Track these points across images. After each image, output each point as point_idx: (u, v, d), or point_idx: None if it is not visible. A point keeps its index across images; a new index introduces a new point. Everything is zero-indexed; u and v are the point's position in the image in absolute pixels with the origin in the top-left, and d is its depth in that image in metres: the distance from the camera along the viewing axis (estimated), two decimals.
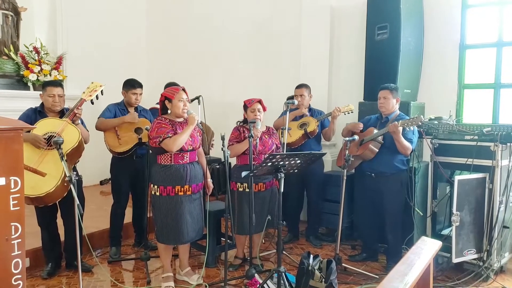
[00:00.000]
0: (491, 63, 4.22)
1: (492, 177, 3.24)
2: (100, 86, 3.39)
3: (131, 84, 3.74)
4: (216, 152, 4.81)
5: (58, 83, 3.31)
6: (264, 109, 3.36)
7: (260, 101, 3.35)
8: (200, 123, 3.69)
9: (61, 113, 3.28)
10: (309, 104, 4.23)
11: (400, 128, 3.19)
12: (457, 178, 3.22)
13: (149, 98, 5.33)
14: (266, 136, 3.43)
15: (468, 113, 4.36)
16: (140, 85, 3.76)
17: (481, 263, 3.27)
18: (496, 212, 3.24)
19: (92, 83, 3.43)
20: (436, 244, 1.84)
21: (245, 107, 3.37)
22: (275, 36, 5.52)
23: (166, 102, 3.03)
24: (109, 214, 3.80)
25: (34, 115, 3.21)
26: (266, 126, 3.53)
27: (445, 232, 3.60)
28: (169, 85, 4.03)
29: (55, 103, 3.21)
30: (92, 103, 3.34)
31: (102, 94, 3.42)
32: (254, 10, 5.66)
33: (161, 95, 3.06)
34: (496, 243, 3.25)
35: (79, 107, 3.19)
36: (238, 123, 3.49)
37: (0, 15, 5.12)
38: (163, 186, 2.98)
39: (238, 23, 5.82)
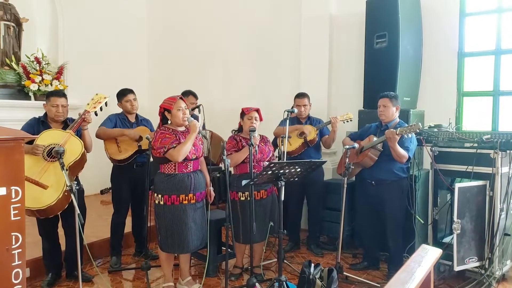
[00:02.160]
0: (490, 70, 4.24)
1: (492, 185, 3.24)
2: (105, 98, 3.42)
3: (121, 93, 3.77)
4: None
5: (62, 94, 3.32)
6: (261, 119, 3.38)
7: (258, 110, 3.38)
8: (210, 132, 3.71)
9: (64, 123, 3.30)
10: (308, 113, 4.24)
11: (398, 136, 3.19)
12: (458, 185, 3.22)
13: (150, 107, 5.37)
14: (262, 144, 3.46)
15: (468, 120, 4.37)
16: (130, 91, 3.78)
17: (482, 271, 3.26)
18: (497, 220, 3.23)
19: (97, 94, 3.45)
20: (437, 252, 1.84)
21: (243, 114, 3.39)
22: (274, 45, 5.56)
23: (166, 113, 3.04)
24: (109, 223, 3.79)
25: (37, 125, 3.22)
26: (260, 134, 3.55)
27: (447, 240, 3.59)
28: (184, 93, 4.08)
29: (59, 113, 3.22)
30: (96, 114, 3.37)
31: (106, 106, 3.44)
32: (254, 19, 5.71)
33: (160, 106, 3.08)
34: (497, 250, 3.24)
35: (86, 114, 3.20)
36: (234, 131, 3.51)
37: (2, 26, 5.16)
38: (167, 195, 2.98)
39: (238, 31, 5.87)
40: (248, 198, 3.24)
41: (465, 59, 4.36)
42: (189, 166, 3.03)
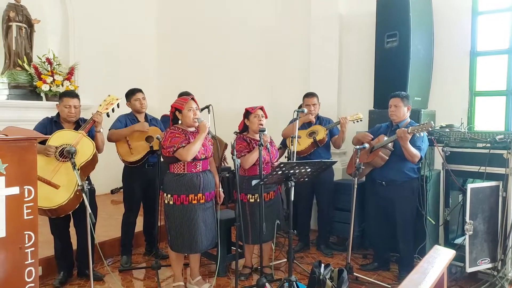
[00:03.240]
0: (503, 70, 4.18)
1: (505, 185, 3.19)
2: (117, 99, 3.45)
3: (130, 92, 3.80)
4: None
5: (74, 94, 3.35)
6: (266, 117, 3.38)
7: (262, 108, 3.38)
8: (213, 136, 3.70)
9: (77, 124, 3.33)
10: (317, 112, 4.23)
11: (409, 135, 3.16)
12: (470, 186, 3.18)
13: (160, 107, 5.39)
14: (269, 145, 3.44)
15: (480, 120, 4.31)
16: (139, 90, 3.80)
17: (495, 273, 3.21)
18: (510, 221, 3.18)
19: (109, 96, 3.47)
20: (450, 253, 1.81)
21: (248, 114, 3.38)
22: (284, 45, 5.55)
23: (177, 113, 3.06)
24: (120, 223, 3.82)
25: (49, 125, 3.25)
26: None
27: (458, 241, 3.55)
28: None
29: (71, 114, 3.25)
30: (108, 116, 3.40)
31: (118, 107, 3.46)
32: (263, 19, 5.70)
33: (171, 106, 3.09)
34: (510, 252, 3.19)
35: (97, 115, 3.23)
36: (236, 133, 3.49)
37: (14, 27, 5.22)
38: (177, 195, 3.00)
39: (247, 31, 5.86)
40: (258, 200, 3.23)
41: (478, 58, 4.30)
42: (198, 166, 3.04)
